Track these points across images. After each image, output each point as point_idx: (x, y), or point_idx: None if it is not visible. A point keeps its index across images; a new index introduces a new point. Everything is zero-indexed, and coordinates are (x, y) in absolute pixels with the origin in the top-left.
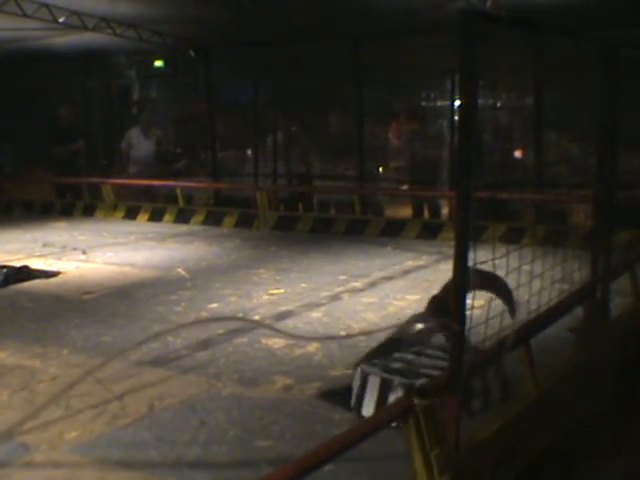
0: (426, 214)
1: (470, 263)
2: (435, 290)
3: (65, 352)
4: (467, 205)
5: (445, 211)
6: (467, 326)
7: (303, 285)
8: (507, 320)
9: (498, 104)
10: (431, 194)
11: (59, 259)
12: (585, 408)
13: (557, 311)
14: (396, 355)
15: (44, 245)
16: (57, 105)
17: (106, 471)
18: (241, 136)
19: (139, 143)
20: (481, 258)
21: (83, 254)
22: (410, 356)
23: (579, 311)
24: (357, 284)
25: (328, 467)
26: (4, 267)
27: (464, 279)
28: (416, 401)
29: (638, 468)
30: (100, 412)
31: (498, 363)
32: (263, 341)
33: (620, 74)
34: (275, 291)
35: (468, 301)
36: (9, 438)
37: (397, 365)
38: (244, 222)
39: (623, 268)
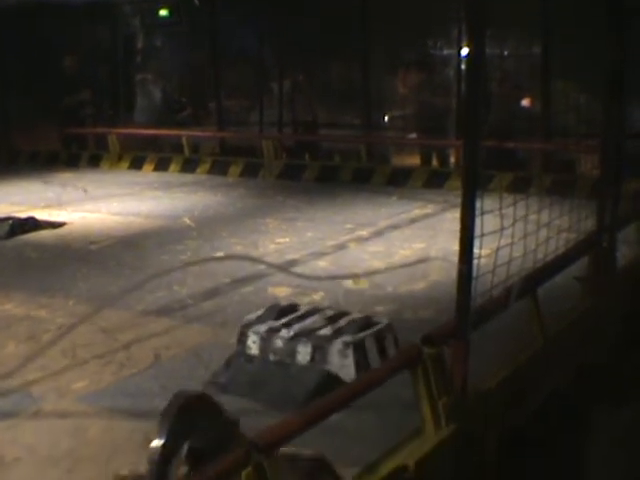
0: (434, 162)
1: (477, 212)
2: (441, 238)
3: (71, 302)
4: (474, 154)
5: (452, 160)
6: (474, 275)
7: (309, 234)
8: (514, 269)
9: (505, 52)
10: (438, 143)
11: (65, 210)
12: (591, 356)
13: (563, 260)
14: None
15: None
16: (62, 55)
17: (113, 420)
18: (247, 85)
19: (145, 92)
20: (488, 207)
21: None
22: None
23: (585, 260)
24: (363, 233)
25: (336, 417)
26: (10, 218)
27: (472, 227)
28: (425, 349)
29: None
30: (107, 362)
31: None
32: (269, 289)
33: (627, 23)
34: (281, 240)
35: (475, 250)
36: (17, 388)
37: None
38: (250, 171)
39: (630, 217)
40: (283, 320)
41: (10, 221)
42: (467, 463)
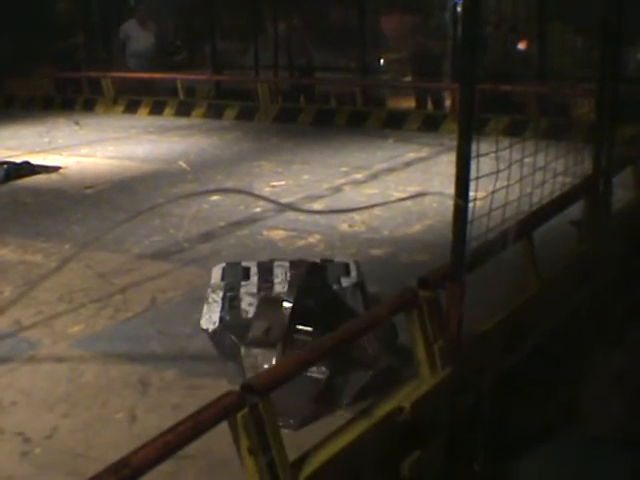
0: (429, 106)
1: (473, 155)
2: (437, 182)
3: (67, 247)
4: (470, 96)
5: (447, 103)
6: (469, 217)
7: (305, 177)
8: (510, 212)
9: None
10: (434, 85)
11: (60, 154)
12: (587, 299)
13: (559, 204)
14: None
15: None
16: None
17: (109, 364)
18: (242, 28)
19: (137, 36)
20: (484, 150)
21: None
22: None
23: (581, 204)
24: (359, 176)
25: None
26: (5, 163)
27: (467, 170)
28: (420, 292)
29: (637, 361)
30: (102, 306)
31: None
32: (265, 233)
33: None
34: (277, 183)
35: (471, 193)
36: (12, 333)
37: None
38: (245, 114)
39: (625, 162)
40: (257, 277)
41: (5, 166)
42: (462, 406)
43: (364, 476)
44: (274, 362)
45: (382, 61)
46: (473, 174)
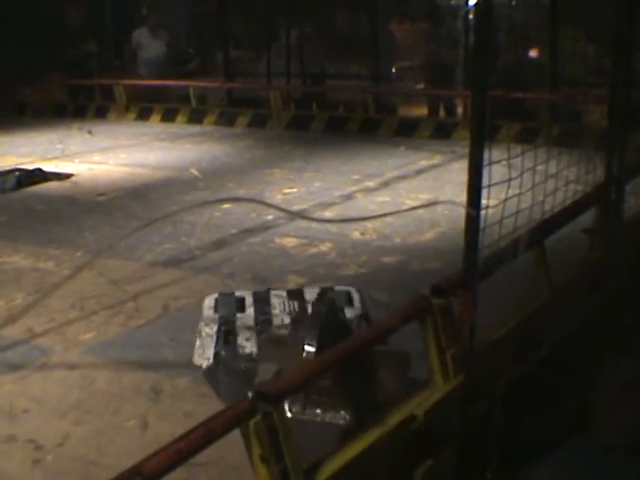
0: (442, 113)
1: (485, 162)
2: (448, 189)
3: (79, 254)
4: (482, 104)
5: (460, 110)
6: (481, 225)
7: (317, 184)
8: (522, 220)
9: (513, 2)
10: (446, 93)
11: (72, 161)
12: (597, 309)
13: (571, 212)
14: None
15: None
16: (68, 5)
17: (121, 372)
18: (254, 36)
19: (149, 44)
20: (495, 158)
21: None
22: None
23: (593, 212)
24: (370, 183)
25: None
26: (17, 170)
27: (479, 178)
28: (434, 300)
29: None
30: (115, 313)
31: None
32: (277, 240)
33: None
34: (288, 190)
35: (483, 200)
36: (24, 340)
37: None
38: (257, 122)
39: (637, 169)
40: (253, 308)
41: (17, 173)
42: (475, 414)
43: None
44: (289, 414)
45: (394, 70)
46: (485, 182)
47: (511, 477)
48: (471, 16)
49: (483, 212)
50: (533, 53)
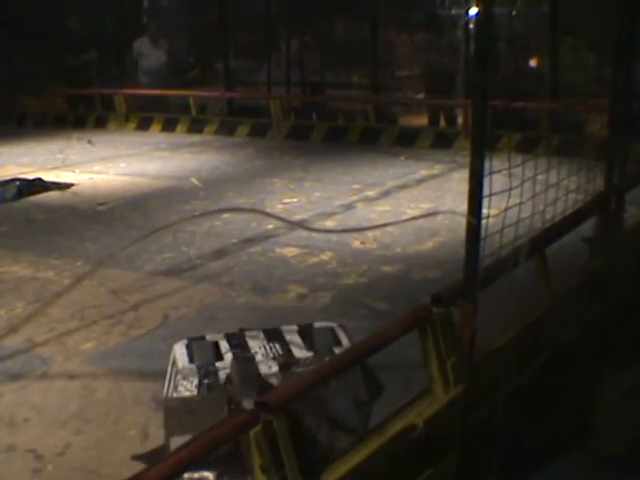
0: (442, 123)
1: (485, 172)
2: (449, 199)
3: (79, 264)
4: (483, 113)
5: (460, 120)
6: (482, 235)
7: (317, 194)
8: (522, 229)
9: (514, 12)
10: (446, 102)
11: (72, 171)
12: (598, 317)
13: (571, 221)
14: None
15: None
16: (68, 15)
17: (121, 381)
18: (254, 45)
19: (149, 53)
20: (496, 167)
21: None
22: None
23: (593, 221)
24: (371, 193)
25: None
26: (17, 180)
27: (480, 187)
28: (434, 309)
29: None
30: (115, 323)
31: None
32: (277, 250)
33: None
34: (289, 200)
35: (483, 210)
36: (25, 350)
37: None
38: (257, 131)
39: (638, 178)
40: (230, 354)
41: (17, 182)
42: (475, 423)
43: None
44: None
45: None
46: (486, 191)
47: None
48: (471, 26)
49: (484, 221)
50: (533, 63)
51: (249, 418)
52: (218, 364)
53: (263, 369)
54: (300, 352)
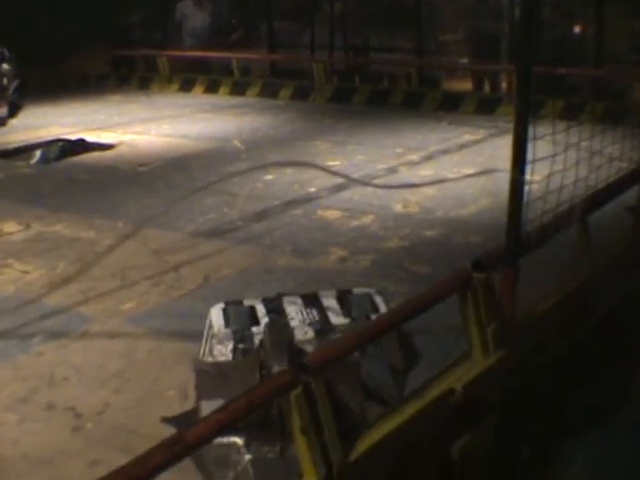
0: (486, 88)
1: (529, 137)
2: (491, 164)
3: (120, 224)
4: (527, 79)
5: (504, 85)
6: (524, 201)
7: (360, 157)
8: (565, 196)
9: None
10: (490, 68)
11: (115, 132)
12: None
13: (614, 189)
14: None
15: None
16: None
17: (161, 341)
18: (298, 8)
19: (193, 14)
20: (539, 134)
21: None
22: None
23: (636, 190)
24: (414, 157)
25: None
26: (60, 140)
27: (523, 153)
28: (475, 274)
29: None
30: (156, 283)
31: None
32: (319, 212)
33: None
34: (331, 163)
35: (527, 176)
36: (66, 309)
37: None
38: (300, 94)
39: None
40: (266, 319)
41: (60, 143)
42: (514, 389)
43: (414, 458)
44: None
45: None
46: (529, 157)
47: (550, 453)
48: None
49: (527, 187)
50: (578, 29)
51: (290, 380)
52: (254, 329)
53: (299, 334)
54: (337, 318)
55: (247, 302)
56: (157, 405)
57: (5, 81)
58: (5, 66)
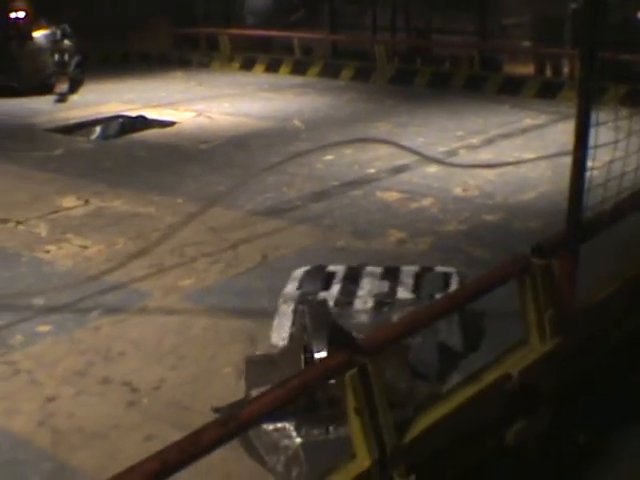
0: (548, 72)
1: (592, 123)
2: (552, 149)
3: (180, 201)
4: (591, 64)
5: (566, 70)
6: (585, 187)
7: (420, 139)
8: (626, 183)
9: None
10: (553, 51)
11: (175, 109)
12: None
13: None
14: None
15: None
16: None
17: (218, 319)
18: None
19: None
20: (601, 120)
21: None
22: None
23: None
24: (474, 140)
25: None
26: (120, 117)
27: (585, 139)
28: (534, 260)
29: None
30: (214, 261)
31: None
32: (378, 194)
33: None
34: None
35: (588, 163)
36: (124, 284)
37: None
38: (361, 75)
39: None
40: (339, 286)
41: (120, 119)
42: (571, 376)
43: (468, 442)
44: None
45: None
46: (590, 143)
47: (604, 442)
48: None
49: (588, 174)
50: None
51: (345, 361)
52: (322, 293)
53: (358, 304)
54: (403, 293)
55: (330, 268)
56: (212, 382)
57: (66, 57)
58: (67, 42)
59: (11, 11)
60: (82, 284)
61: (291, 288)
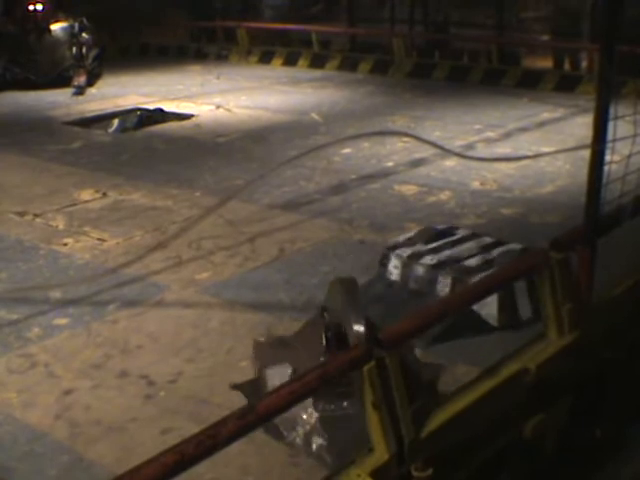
0: (566, 66)
1: (611, 116)
2: (570, 143)
3: (198, 194)
4: (610, 58)
5: (584, 64)
6: (603, 181)
7: (437, 133)
8: None
9: None
10: (572, 45)
11: (193, 102)
12: None
13: None
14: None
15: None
16: None
17: (235, 312)
18: None
19: None
20: (620, 113)
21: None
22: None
23: None
24: (492, 134)
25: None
26: (138, 109)
27: (603, 133)
28: (552, 254)
29: None
30: (231, 254)
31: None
32: (396, 187)
33: None
34: (409, 138)
35: (606, 157)
36: (141, 277)
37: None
38: (379, 68)
39: None
40: (432, 245)
41: (138, 112)
42: (588, 370)
43: (486, 436)
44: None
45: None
46: (609, 137)
47: (622, 436)
48: None
49: (606, 168)
50: None
51: (363, 354)
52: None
53: (427, 259)
54: (470, 260)
55: (462, 232)
56: (230, 375)
57: (84, 50)
58: (85, 35)
59: (29, 3)
60: (99, 277)
61: (402, 238)
